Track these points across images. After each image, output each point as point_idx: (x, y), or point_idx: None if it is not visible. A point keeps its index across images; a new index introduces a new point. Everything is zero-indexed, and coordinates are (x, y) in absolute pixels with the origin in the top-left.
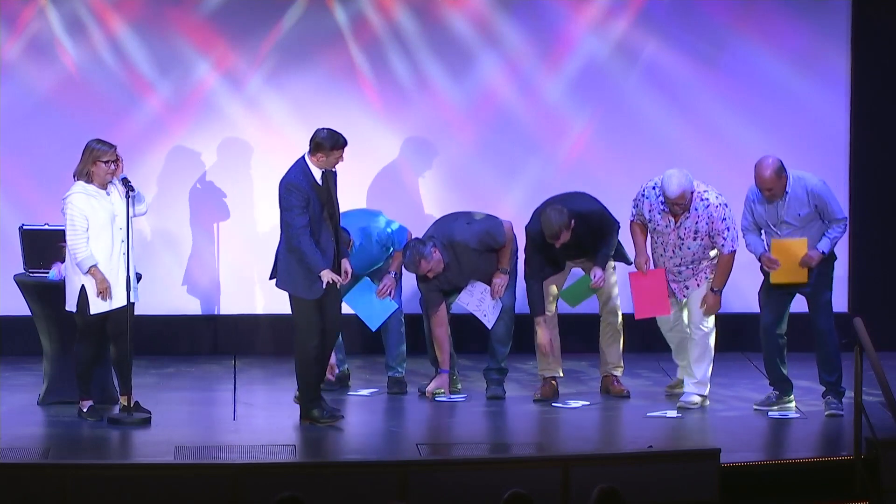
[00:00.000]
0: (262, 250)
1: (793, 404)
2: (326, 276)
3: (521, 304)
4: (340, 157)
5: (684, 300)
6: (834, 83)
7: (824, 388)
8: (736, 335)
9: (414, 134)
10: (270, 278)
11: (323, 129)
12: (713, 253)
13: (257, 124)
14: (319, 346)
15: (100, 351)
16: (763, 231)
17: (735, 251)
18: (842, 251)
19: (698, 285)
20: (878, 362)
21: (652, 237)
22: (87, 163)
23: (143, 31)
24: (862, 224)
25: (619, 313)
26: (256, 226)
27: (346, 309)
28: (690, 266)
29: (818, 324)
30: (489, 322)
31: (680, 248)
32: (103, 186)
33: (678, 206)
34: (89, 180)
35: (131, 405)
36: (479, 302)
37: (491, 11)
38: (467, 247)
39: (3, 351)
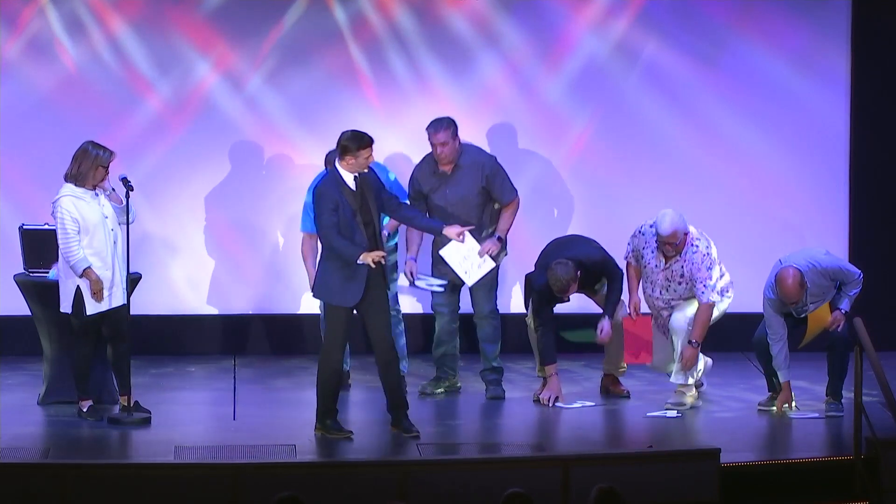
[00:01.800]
0: (262, 250)
1: (792, 403)
2: (366, 258)
3: (520, 304)
4: (370, 157)
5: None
6: (834, 83)
7: (826, 388)
8: (735, 335)
9: (414, 134)
10: (312, 290)
11: (346, 131)
12: None
13: (257, 124)
14: (340, 361)
15: (96, 350)
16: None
17: (713, 304)
18: (842, 251)
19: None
20: (878, 362)
21: (642, 274)
22: (88, 167)
23: (143, 31)
24: (862, 224)
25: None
26: (256, 225)
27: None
28: (681, 301)
29: (837, 333)
30: (469, 279)
31: (667, 290)
32: (92, 189)
33: (669, 245)
34: (81, 183)
35: (131, 405)
36: (463, 258)
37: (491, 11)
38: (476, 160)
39: (3, 351)
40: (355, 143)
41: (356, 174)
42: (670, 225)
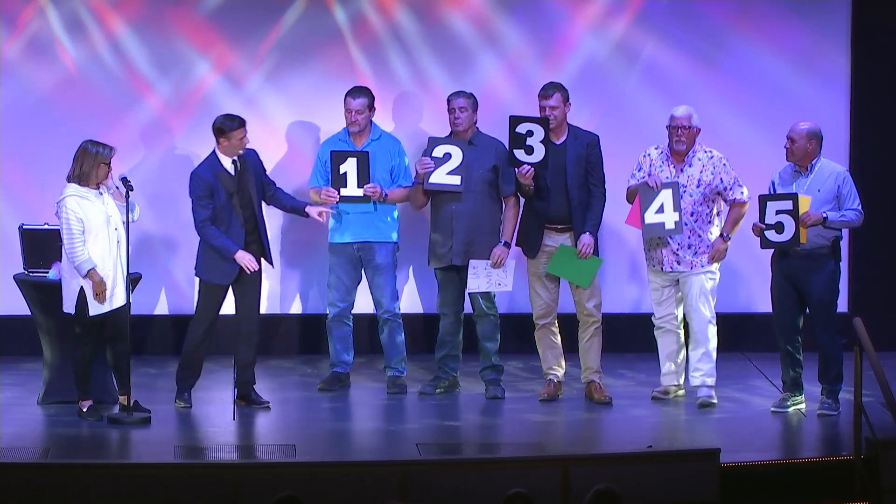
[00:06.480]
0: None
1: (803, 406)
2: (241, 258)
3: (519, 305)
4: (244, 139)
5: (667, 277)
6: (834, 83)
7: (822, 388)
8: (736, 335)
9: (414, 134)
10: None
11: (219, 115)
12: (714, 231)
13: (257, 124)
14: (208, 334)
15: (96, 350)
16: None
17: (747, 202)
18: (841, 251)
19: (693, 267)
20: (878, 362)
21: None
22: (90, 165)
23: (143, 31)
24: (862, 224)
25: (599, 316)
26: None
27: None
28: (689, 227)
29: (819, 334)
30: (508, 286)
31: (681, 198)
32: (97, 188)
33: (683, 129)
34: (84, 183)
35: (131, 405)
36: (487, 277)
37: (491, 11)
38: (491, 141)
39: (3, 351)
40: (228, 124)
41: (234, 157)
42: (686, 110)
